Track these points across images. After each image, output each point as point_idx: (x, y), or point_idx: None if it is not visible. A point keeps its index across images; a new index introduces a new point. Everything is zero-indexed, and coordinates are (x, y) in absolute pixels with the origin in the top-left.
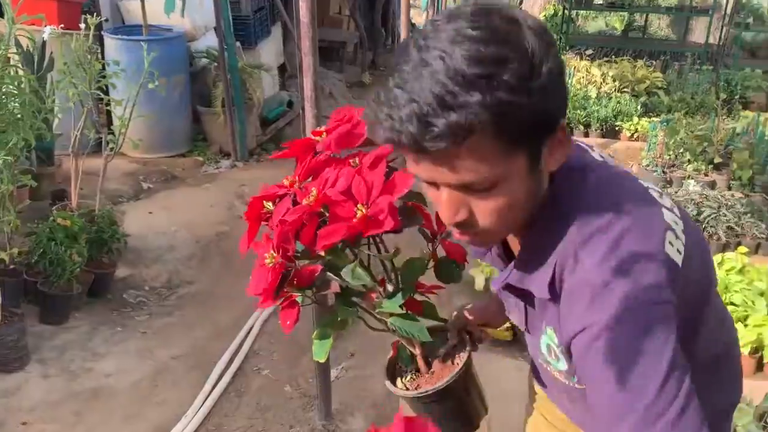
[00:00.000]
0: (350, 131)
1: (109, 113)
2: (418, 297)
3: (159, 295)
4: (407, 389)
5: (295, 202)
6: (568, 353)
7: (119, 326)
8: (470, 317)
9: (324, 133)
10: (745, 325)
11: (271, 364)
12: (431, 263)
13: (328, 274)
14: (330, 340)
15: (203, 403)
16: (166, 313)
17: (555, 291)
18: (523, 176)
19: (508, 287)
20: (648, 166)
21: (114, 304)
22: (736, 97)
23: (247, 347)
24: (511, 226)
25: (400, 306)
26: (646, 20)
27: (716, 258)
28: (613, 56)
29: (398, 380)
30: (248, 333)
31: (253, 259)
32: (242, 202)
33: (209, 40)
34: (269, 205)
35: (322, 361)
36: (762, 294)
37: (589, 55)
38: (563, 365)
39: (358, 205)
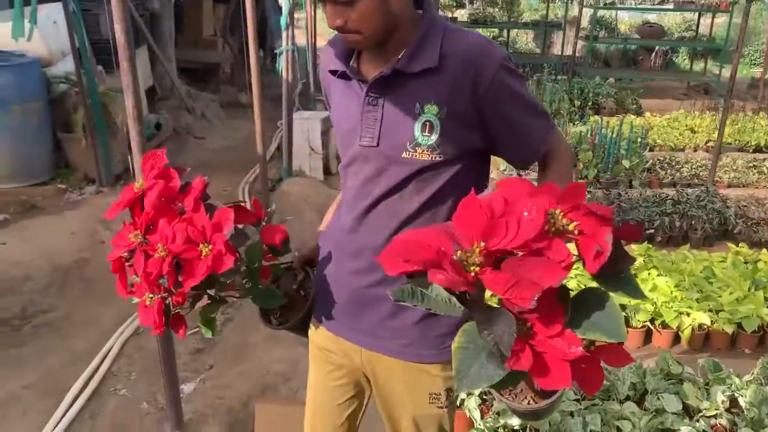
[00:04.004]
0: (165, 187)
1: None
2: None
3: (11, 326)
4: (279, 324)
5: (147, 254)
6: (448, 118)
7: None
8: (307, 253)
9: (143, 190)
10: None
11: (128, 384)
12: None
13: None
14: (213, 318)
15: (54, 429)
16: (18, 344)
17: (441, 61)
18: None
19: (386, 78)
20: (505, 170)
21: None
22: (589, 103)
23: (104, 370)
24: (375, 34)
25: (255, 283)
26: (508, 35)
27: None
28: None
29: (271, 318)
30: (105, 356)
31: (113, 283)
32: (105, 227)
33: (68, 65)
34: (127, 255)
35: (212, 335)
36: None
37: None
38: (434, 137)
39: (201, 246)
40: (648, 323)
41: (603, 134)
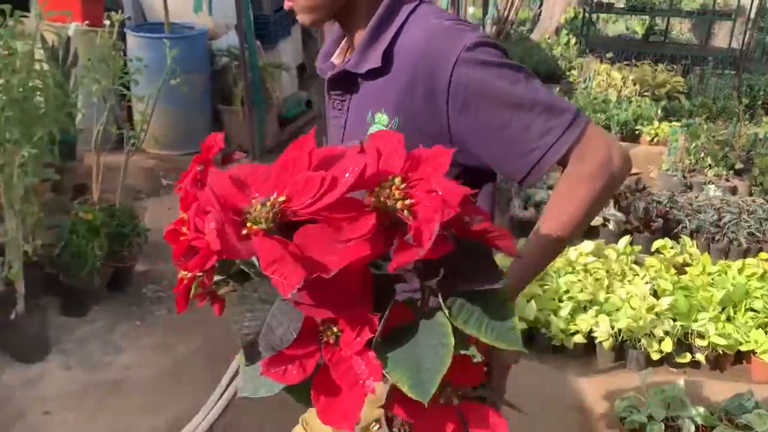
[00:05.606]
0: (199, 174)
1: (130, 109)
2: None
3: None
4: None
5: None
6: (405, 131)
7: (138, 320)
8: None
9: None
10: (766, 332)
11: None
12: None
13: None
14: None
15: (221, 396)
16: None
17: (388, 60)
18: None
19: (340, 78)
20: (668, 170)
21: (133, 298)
22: (759, 102)
23: None
24: (324, 8)
25: None
26: (667, 24)
27: (737, 264)
28: (633, 60)
29: None
30: None
31: None
32: None
33: (230, 39)
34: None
35: None
36: None
37: (609, 59)
38: None
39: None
40: None
41: None
